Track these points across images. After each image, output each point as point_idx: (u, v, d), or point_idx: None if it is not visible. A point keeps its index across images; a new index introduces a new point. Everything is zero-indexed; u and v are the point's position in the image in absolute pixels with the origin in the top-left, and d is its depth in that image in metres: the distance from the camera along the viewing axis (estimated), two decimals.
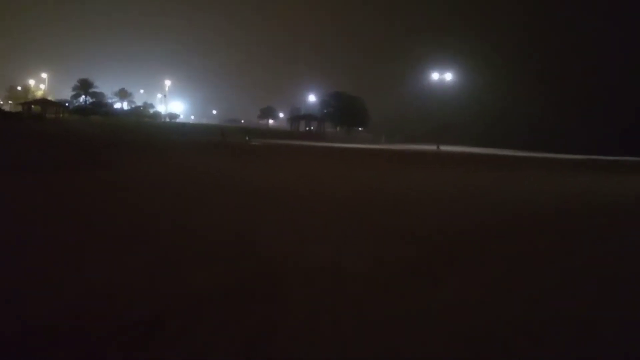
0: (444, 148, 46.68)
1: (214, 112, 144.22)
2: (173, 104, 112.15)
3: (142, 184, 8.84)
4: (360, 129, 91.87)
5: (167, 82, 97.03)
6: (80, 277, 3.62)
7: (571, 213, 8.08)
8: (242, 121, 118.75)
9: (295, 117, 72.26)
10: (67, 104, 69.27)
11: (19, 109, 60.04)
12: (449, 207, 8.02)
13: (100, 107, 70.87)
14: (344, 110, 73.48)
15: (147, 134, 33.13)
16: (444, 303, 3.43)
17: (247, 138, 37.23)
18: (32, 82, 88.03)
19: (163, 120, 78.24)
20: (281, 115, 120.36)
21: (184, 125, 56.85)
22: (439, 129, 58.55)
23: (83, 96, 74.90)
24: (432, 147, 46.53)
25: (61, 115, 57.62)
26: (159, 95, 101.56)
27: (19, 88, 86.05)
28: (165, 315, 2.96)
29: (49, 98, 72.46)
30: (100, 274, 3.68)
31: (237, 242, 4.89)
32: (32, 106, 59.43)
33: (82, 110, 66.51)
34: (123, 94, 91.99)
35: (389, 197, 8.94)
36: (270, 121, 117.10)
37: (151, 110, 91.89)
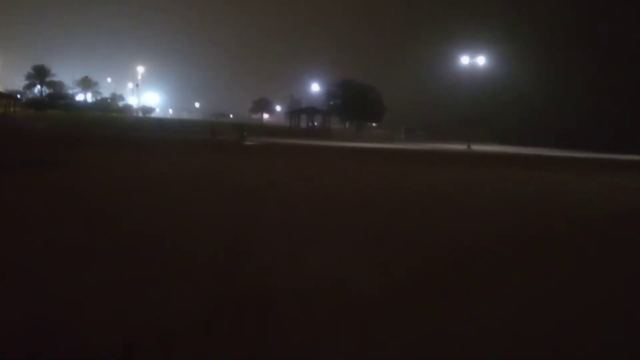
0: (476, 147, 46.61)
1: (197, 105, 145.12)
2: (147, 95, 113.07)
3: (107, 187, 8.89)
4: (373, 124, 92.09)
5: (140, 69, 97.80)
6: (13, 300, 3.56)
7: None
8: (231, 116, 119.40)
9: (295, 111, 72.32)
10: (19, 96, 69.82)
11: None
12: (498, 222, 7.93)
13: (58, 99, 71.47)
14: (354, 102, 73.51)
15: (116, 132, 33.22)
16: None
17: (244, 134, 37.08)
18: None
19: (135, 114, 78.74)
20: (278, 108, 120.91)
21: (160, 121, 57.17)
22: (468, 124, 58.47)
23: (38, 86, 75.64)
24: (461, 147, 46.45)
25: (12, 109, 57.83)
26: (130, 85, 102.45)
27: None
28: (128, 353, 2.88)
29: None
30: (42, 298, 3.59)
31: (227, 256, 4.88)
32: None
33: (37, 103, 67.07)
34: (86, 84, 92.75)
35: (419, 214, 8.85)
36: (265, 115, 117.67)
37: (121, 103, 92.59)
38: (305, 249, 5.20)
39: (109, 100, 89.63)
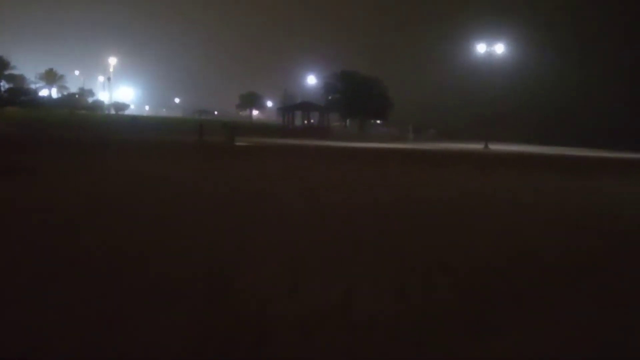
0: (495, 147, 46.69)
1: (177, 100, 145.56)
2: (120, 90, 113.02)
3: (73, 199, 8.76)
4: (378, 122, 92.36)
5: (112, 61, 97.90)
6: None
7: None
8: (216, 113, 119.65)
9: (289, 107, 72.30)
10: None
11: None
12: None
13: (19, 95, 71.12)
14: (357, 97, 73.53)
15: (85, 133, 33.09)
16: None
17: (227, 132, 36.78)
18: None
19: (107, 112, 78.72)
20: (269, 104, 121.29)
21: (135, 120, 57.05)
22: (485, 121, 58.57)
23: None
24: (478, 146, 46.52)
25: None
26: (101, 79, 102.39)
27: None
28: None
29: None
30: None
31: (210, 279, 4.72)
32: None
33: None
34: (51, 77, 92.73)
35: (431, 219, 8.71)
36: (254, 112, 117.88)
37: (90, 99, 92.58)
38: (308, 279, 5.00)
39: (76, 96, 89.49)
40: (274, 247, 6.15)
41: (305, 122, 70.01)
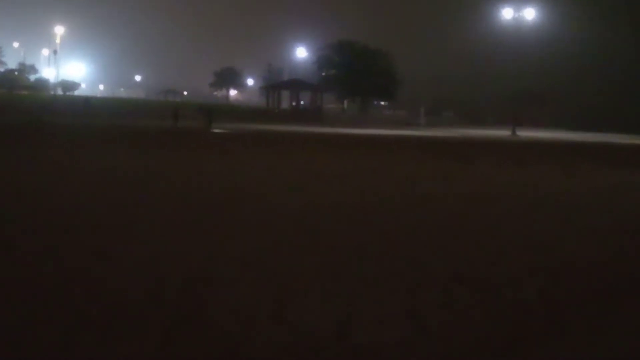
0: (524, 133, 46.81)
1: (138, 78, 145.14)
2: (69, 66, 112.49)
3: (15, 200, 8.73)
4: (382, 103, 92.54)
5: (59, 31, 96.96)
6: None
7: None
8: (185, 93, 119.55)
9: (275, 86, 72.48)
10: None
11: None
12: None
13: None
14: (357, 73, 73.52)
15: (26, 117, 32.94)
16: None
17: (204, 117, 36.66)
18: None
19: (53, 92, 78.26)
20: (250, 82, 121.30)
21: (87, 101, 56.80)
22: (512, 102, 58.73)
23: None
24: (504, 133, 46.64)
25: None
26: (46, 52, 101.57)
27: None
28: None
29: None
30: None
31: (178, 299, 4.71)
32: None
33: None
34: None
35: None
36: (232, 92, 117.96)
37: (32, 77, 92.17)
38: (297, 298, 4.97)
39: (16, 73, 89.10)
40: (256, 257, 6.11)
41: (294, 103, 70.15)
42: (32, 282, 5.04)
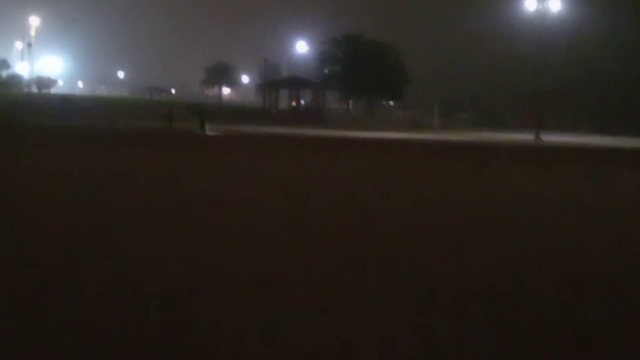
0: (549, 138, 46.60)
1: (121, 75, 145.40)
2: (45, 60, 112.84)
3: None
4: (391, 103, 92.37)
5: (34, 22, 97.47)
6: None
7: None
8: (173, 91, 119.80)
9: (272, 84, 72.43)
10: None
11: None
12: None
13: None
14: (363, 69, 73.47)
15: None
16: None
17: (198, 118, 36.62)
18: None
19: (27, 90, 78.43)
20: (244, 79, 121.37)
21: (65, 100, 56.94)
22: (536, 102, 58.53)
23: None
24: (526, 137, 46.44)
25: None
26: (19, 46, 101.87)
27: None
28: None
29: None
30: None
31: (162, 313, 4.71)
32: None
33: None
34: None
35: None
36: (225, 90, 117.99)
37: (4, 73, 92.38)
38: (291, 317, 5.01)
39: None
40: (248, 268, 6.15)
41: (294, 103, 70.09)
42: None
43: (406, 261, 6.86)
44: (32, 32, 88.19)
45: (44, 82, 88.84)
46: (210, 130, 34.05)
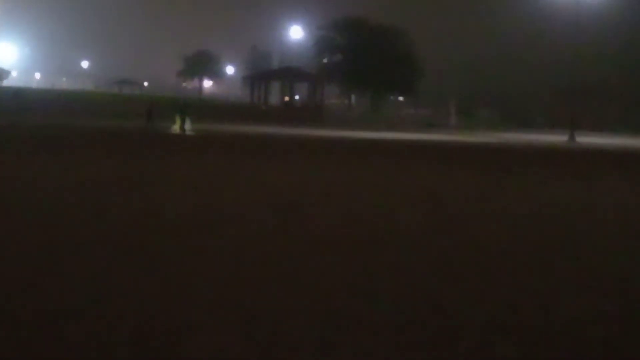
0: (585, 140, 46.89)
1: (85, 65, 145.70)
2: None
3: None
4: (400, 98, 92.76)
5: None
6: None
7: None
8: (145, 83, 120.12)
9: (262, 75, 72.62)
10: None
11: None
12: None
13: None
14: (368, 59, 73.64)
15: None
16: None
17: (179, 116, 36.78)
18: None
19: None
20: (229, 70, 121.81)
21: (18, 94, 57.08)
22: (569, 99, 58.94)
23: None
24: (558, 138, 46.72)
25: None
26: None
27: None
28: None
29: None
30: None
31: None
32: None
33: None
34: None
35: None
36: (207, 83, 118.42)
37: None
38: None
39: None
40: (233, 298, 6.10)
41: (287, 98, 70.32)
42: None
43: (419, 293, 6.80)
44: None
45: None
46: (190, 130, 34.10)
